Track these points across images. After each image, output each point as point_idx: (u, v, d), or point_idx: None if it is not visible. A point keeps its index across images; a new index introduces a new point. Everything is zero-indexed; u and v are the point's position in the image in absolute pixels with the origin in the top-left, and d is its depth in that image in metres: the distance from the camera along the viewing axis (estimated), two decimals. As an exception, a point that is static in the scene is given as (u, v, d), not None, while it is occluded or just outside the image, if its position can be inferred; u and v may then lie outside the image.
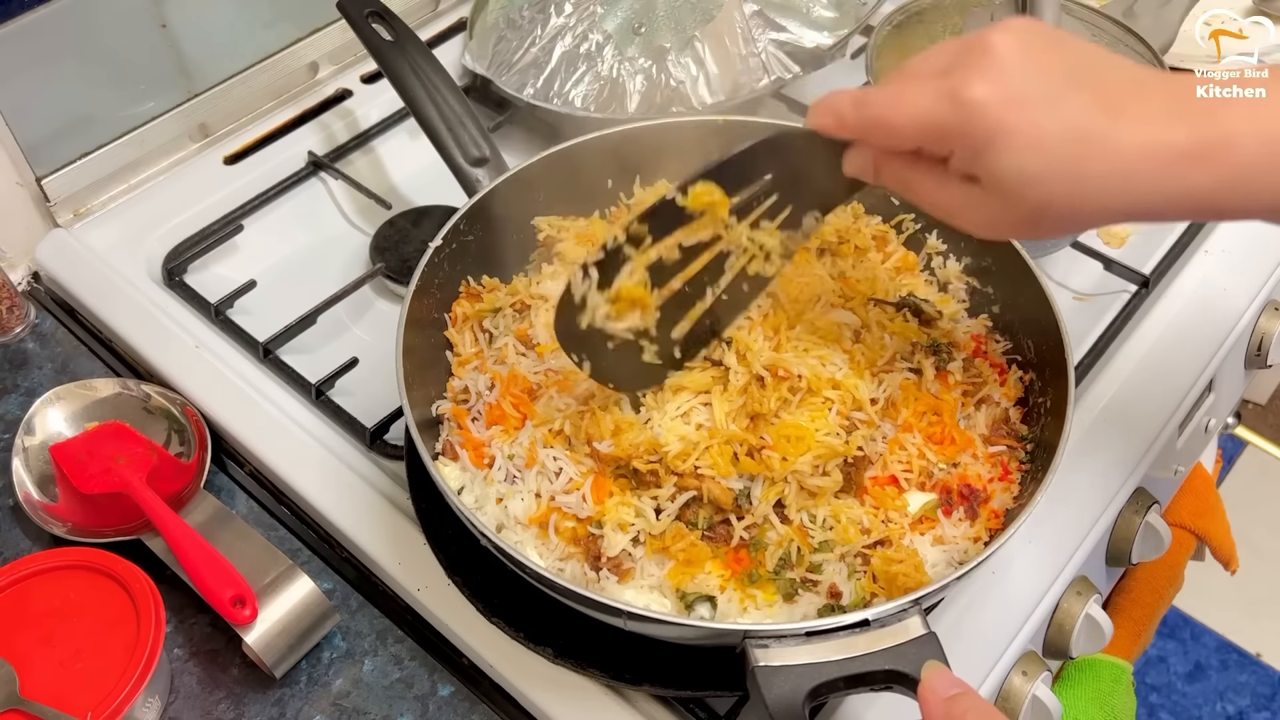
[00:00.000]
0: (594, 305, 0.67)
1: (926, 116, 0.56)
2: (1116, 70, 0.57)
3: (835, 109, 0.61)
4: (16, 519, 0.83)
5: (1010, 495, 0.71)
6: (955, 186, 0.58)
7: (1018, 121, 0.54)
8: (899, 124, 0.58)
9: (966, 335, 0.79)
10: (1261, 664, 1.93)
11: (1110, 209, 0.56)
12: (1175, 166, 0.54)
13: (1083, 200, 0.55)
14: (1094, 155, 0.54)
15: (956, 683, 0.54)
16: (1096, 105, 0.54)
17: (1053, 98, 0.54)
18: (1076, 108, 0.54)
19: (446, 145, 0.88)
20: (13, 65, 0.93)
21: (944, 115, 0.56)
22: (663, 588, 0.67)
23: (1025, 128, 0.54)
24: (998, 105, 0.54)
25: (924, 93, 0.56)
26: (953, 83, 0.55)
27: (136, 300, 0.95)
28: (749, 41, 1.05)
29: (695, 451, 0.67)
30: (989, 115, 0.54)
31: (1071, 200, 0.55)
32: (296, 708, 0.73)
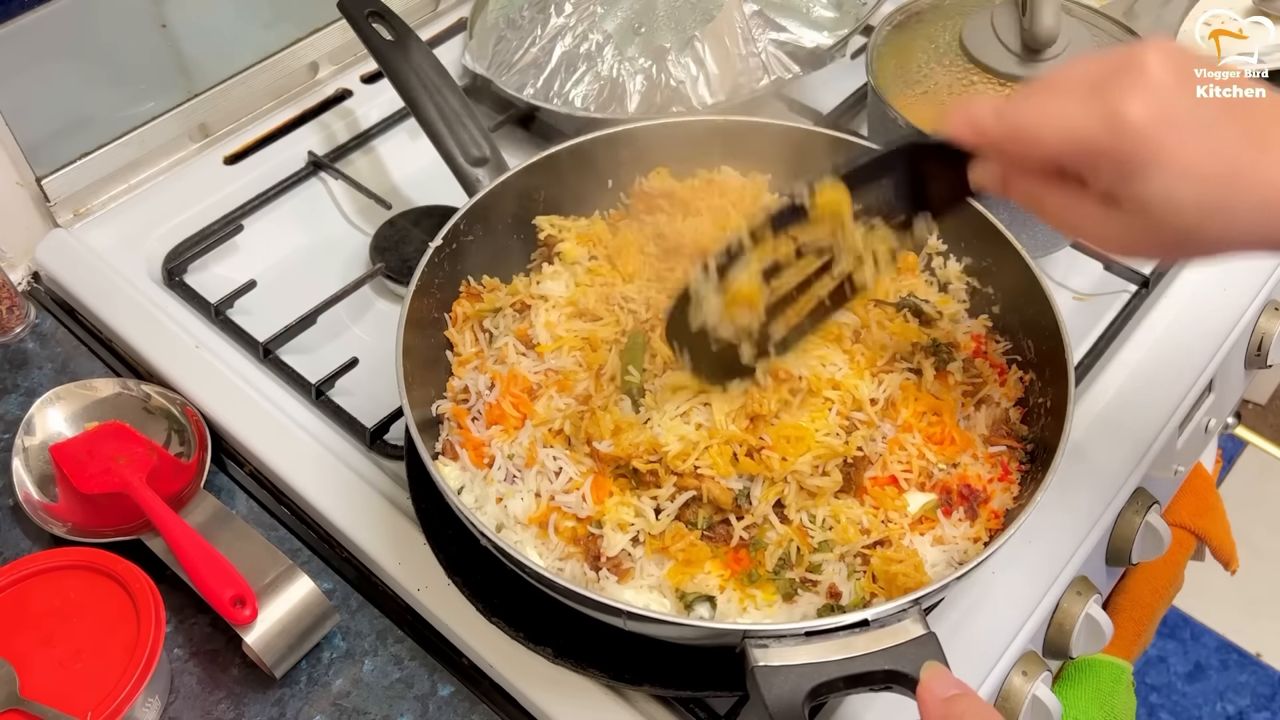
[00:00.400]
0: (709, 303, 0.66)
1: (1077, 133, 0.54)
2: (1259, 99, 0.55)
3: (975, 119, 0.59)
4: (16, 519, 0.83)
5: (1010, 495, 0.71)
6: (1092, 207, 0.57)
7: (1174, 146, 0.52)
8: (1046, 138, 0.56)
9: (966, 335, 0.79)
10: (1261, 664, 1.93)
11: (1254, 241, 0.55)
12: None
13: (1228, 231, 0.54)
14: (1243, 188, 0.53)
15: (955, 683, 0.54)
16: (1246, 135, 0.53)
17: (1206, 125, 0.53)
18: (1231, 137, 0.53)
19: (447, 145, 0.88)
20: (13, 65, 0.93)
21: (1096, 133, 0.54)
22: (662, 587, 0.67)
23: (1179, 154, 0.52)
24: (1156, 126, 0.52)
25: (1074, 107, 0.54)
26: (1107, 102, 0.53)
27: (136, 300, 0.95)
28: (749, 41, 1.05)
29: (695, 451, 0.67)
30: (1146, 137, 0.52)
31: (1218, 231, 0.54)
32: (296, 708, 0.73)
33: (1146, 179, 0.53)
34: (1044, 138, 0.56)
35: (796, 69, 1.05)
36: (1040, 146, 0.56)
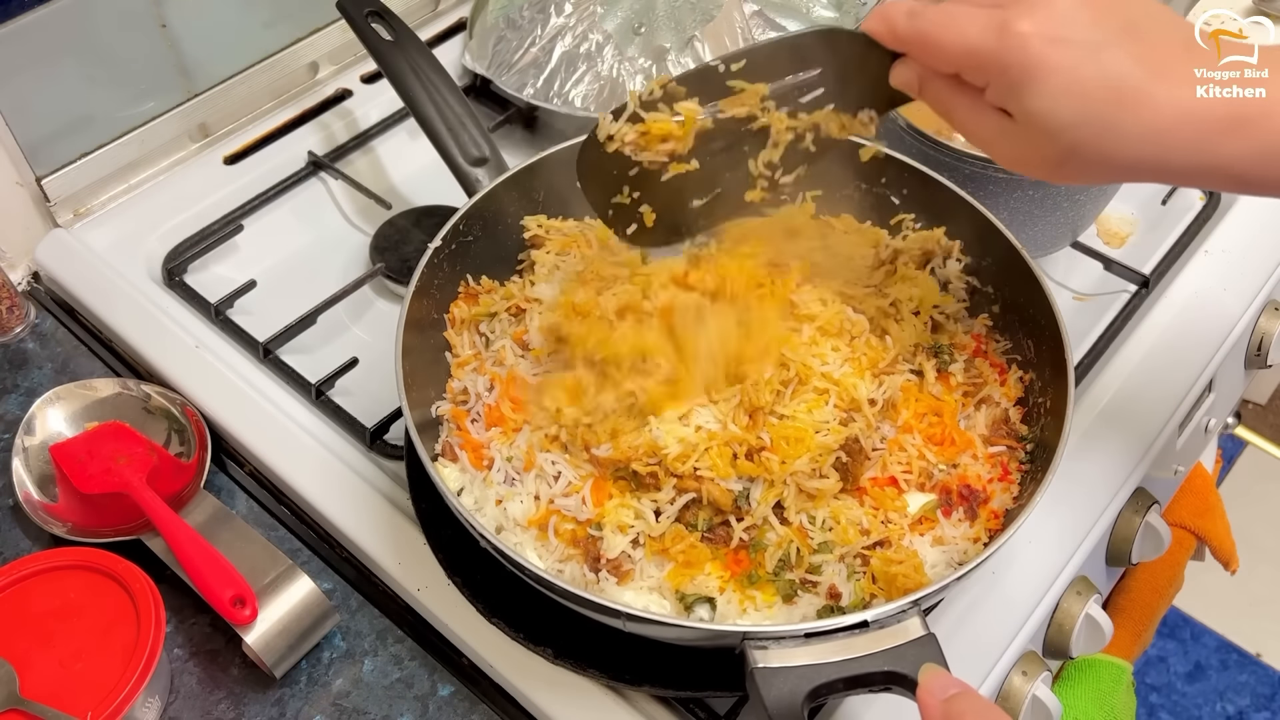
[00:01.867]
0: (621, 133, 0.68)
1: (971, 42, 0.57)
2: (1169, 27, 0.56)
3: (890, 17, 0.61)
4: (16, 519, 0.83)
5: (1010, 496, 0.71)
6: (990, 117, 0.59)
7: (1058, 62, 0.54)
8: (945, 44, 0.58)
9: (967, 335, 0.79)
10: (1261, 664, 1.93)
11: (1139, 166, 0.56)
12: (1212, 133, 0.54)
13: (1112, 152, 0.55)
14: (1128, 109, 0.54)
15: (954, 683, 0.54)
16: (1141, 60, 0.54)
17: (1098, 45, 0.54)
18: (1120, 59, 0.54)
19: (446, 145, 0.88)
20: (13, 65, 0.93)
21: (988, 44, 0.56)
22: (662, 589, 0.67)
23: (1064, 70, 0.54)
24: (1041, 43, 0.54)
25: (975, 18, 0.57)
26: (1004, 14, 0.55)
27: (136, 300, 0.95)
28: (749, 41, 1.05)
29: (695, 453, 0.67)
30: (1030, 51, 0.54)
31: (1101, 150, 0.55)
32: (296, 708, 0.73)
33: (1031, 92, 0.55)
34: (944, 42, 0.58)
35: (796, 69, 1.05)
36: (942, 51, 0.59)
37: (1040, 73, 0.54)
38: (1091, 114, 0.55)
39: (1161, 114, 0.54)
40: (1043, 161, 0.58)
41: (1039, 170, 0.60)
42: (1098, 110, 0.54)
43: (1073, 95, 0.54)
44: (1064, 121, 0.55)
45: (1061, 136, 0.56)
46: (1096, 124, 0.55)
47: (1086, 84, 0.54)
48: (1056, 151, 0.57)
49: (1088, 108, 0.55)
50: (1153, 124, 0.54)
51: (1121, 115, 0.54)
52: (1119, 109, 0.54)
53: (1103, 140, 0.55)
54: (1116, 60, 0.54)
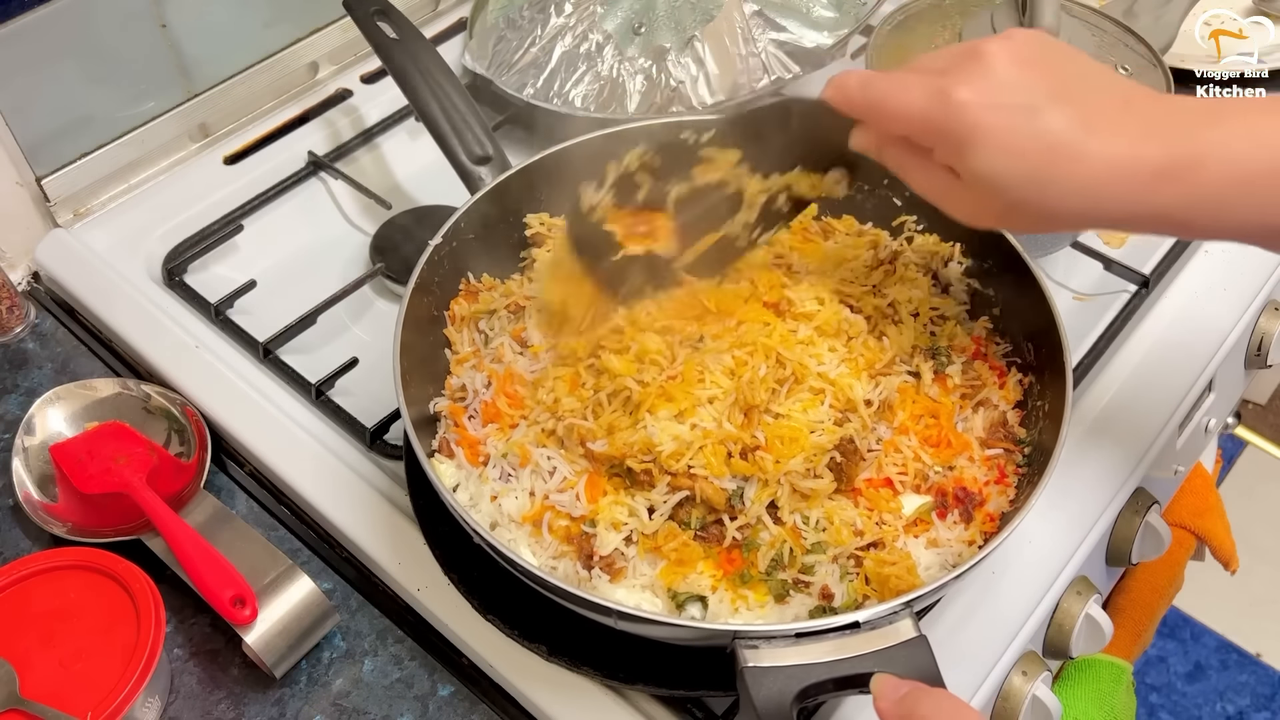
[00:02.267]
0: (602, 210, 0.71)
1: (916, 109, 0.60)
2: (1108, 88, 0.60)
3: (844, 86, 0.65)
4: (16, 519, 0.83)
5: (1006, 499, 0.71)
6: (940, 176, 0.62)
7: (994, 125, 0.58)
8: (893, 111, 0.62)
9: (967, 338, 0.79)
10: (1261, 664, 1.93)
11: (1081, 217, 0.60)
12: (1145, 183, 0.57)
13: (1052, 206, 0.59)
14: (1063, 165, 0.57)
15: (903, 683, 0.55)
16: (1075, 118, 0.57)
17: (1033, 107, 0.57)
18: (1055, 119, 0.57)
19: (450, 143, 0.88)
20: (13, 65, 0.93)
21: (930, 111, 0.59)
22: (654, 587, 0.67)
23: (1001, 132, 0.58)
24: (979, 108, 0.58)
25: (918, 86, 0.60)
26: (944, 82, 0.59)
27: (136, 300, 0.96)
28: (749, 41, 1.05)
29: (689, 452, 0.67)
30: (968, 116, 0.58)
31: (1041, 204, 0.59)
32: (296, 708, 0.74)
33: (972, 154, 0.58)
34: (893, 109, 0.62)
35: (796, 69, 1.05)
36: (891, 118, 0.63)
37: (979, 136, 0.58)
38: (1029, 172, 0.58)
39: (1095, 168, 0.57)
40: (990, 215, 0.62)
41: (988, 222, 0.63)
42: (1034, 168, 0.58)
43: (1010, 155, 0.58)
44: (1004, 180, 0.58)
45: (1003, 194, 0.59)
46: (1034, 181, 0.58)
47: (1022, 144, 0.57)
48: (1000, 207, 0.60)
49: (1025, 166, 0.58)
50: (1088, 178, 0.57)
51: (1057, 171, 0.57)
52: (1054, 166, 0.57)
53: (1042, 196, 0.58)
54: (1050, 120, 0.57)
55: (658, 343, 0.71)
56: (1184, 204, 0.57)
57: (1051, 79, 0.59)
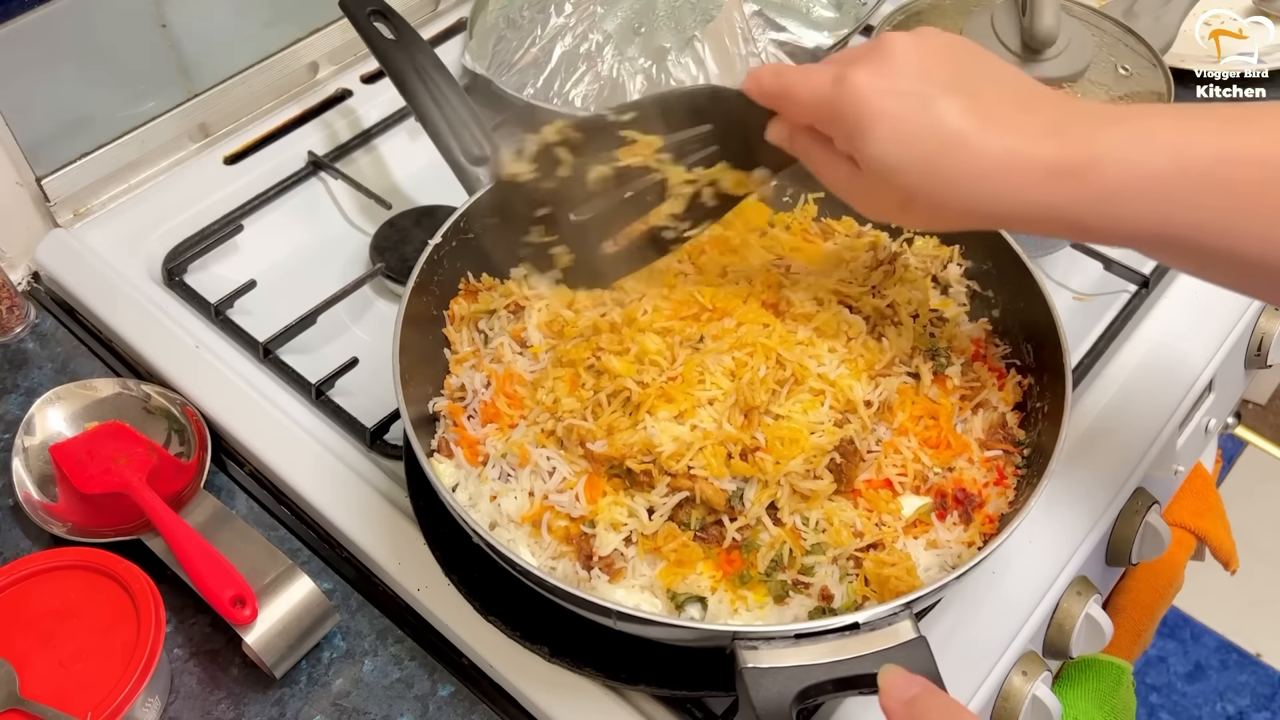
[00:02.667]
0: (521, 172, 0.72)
1: (817, 94, 0.61)
2: (1010, 85, 0.60)
3: (758, 75, 0.65)
4: (16, 519, 0.83)
5: (1005, 500, 0.71)
6: (842, 166, 0.63)
7: (886, 110, 0.58)
8: (799, 96, 0.63)
9: (967, 339, 0.79)
10: (1261, 664, 1.93)
11: (971, 211, 0.59)
12: (1039, 180, 0.57)
13: (943, 196, 0.59)
14: (953, 155, 0.57)
15: (916, 681, 0.54)
16: (970, 110, 0.57)
17: (927, 96, 0.58)
18: (949, 109, 0.57)
19: (448, 144, 0.88)
20: (13, 65, 0.93)
21: (829, 95, 0.60)
22: (654, 588, 0.67)
23: (893, 118, 0.58)
24: (873, 93, 0.58)
25: (823, 73, 0.61)
26: (844, 68, 0.60)
27: (136, 300, 0.96)
28: (749, 41, 1.05)
29: (689, 452, 0.67)
30: (862, 100, 0.58)
31: (932, 195, 0.59)
32: (296, 708, 0.74)
33: (865, 138, 0.59)
34: (798, 96, 0.63)
35: (796, 69, 1.04)
36: (796, 105, 0.63)
37: (870, 120, 0.58)
38: (920, 160, 0.58)
39: (985, 160, 0.57)
40: (887, 205, 0.62)
41: (886, 214, 0.63)
42: (925, 156, 0.58)
43: (901, 141, 0.58)
44: (895, 166, 0.58)
45: (895, 180, 0.59)
46: (925, 169, 0.58)
47: (914, 131, 0.57)
48: (895, 196, 0.60)
49: (916, 153, 0.58)
50: (978, 170, 0.57)
51: (947, 161, 0.57)
52: (945, 155, 0.57)
53: (932, 185, 0.58)
54: (943, 109, 0.57)
55: (657, 343, 0.71)
56: (1078, 204, 0.57)
57: (952, 71, 0.59)
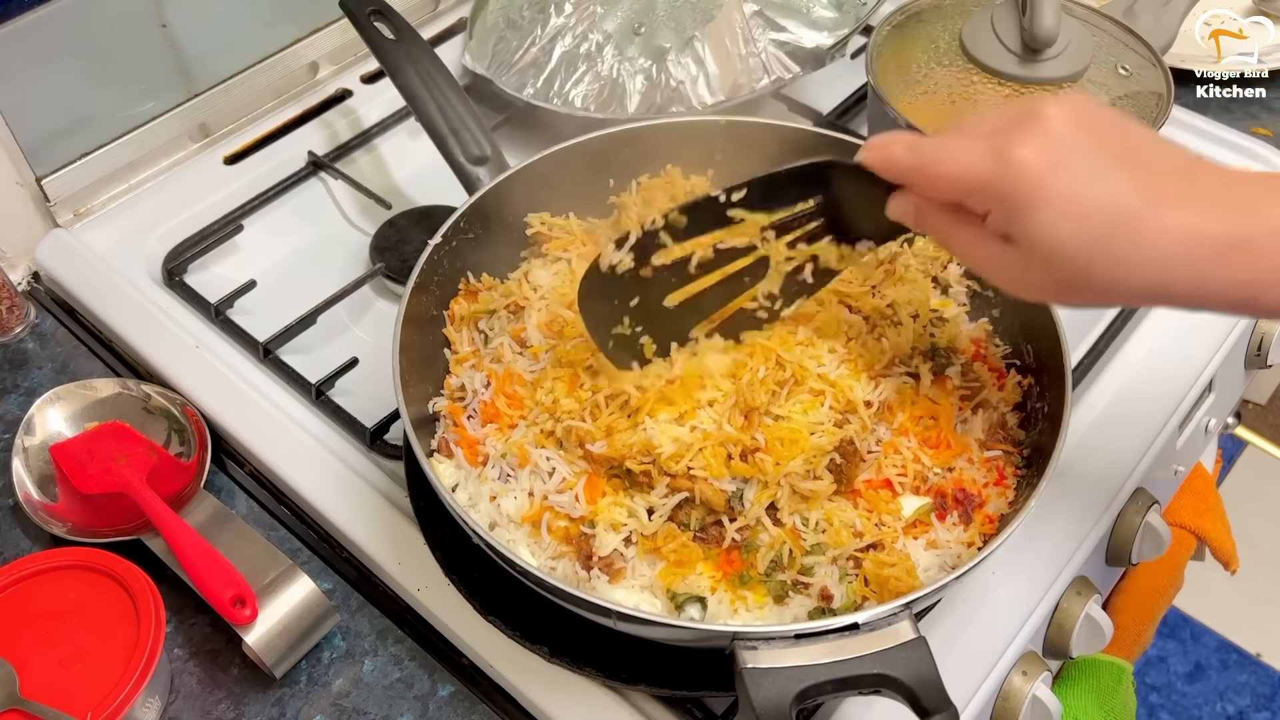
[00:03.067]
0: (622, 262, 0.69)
1: (971, 170, 0.57)
2: (1167, 154, 0.57)
3: (888, 150, 0.62)
4: (16, 519, 0.83)
5: (1005, 500, 0.71)
6: (992, 244, 0.59)
7: (1058, 188, 0.55)
8: (945, 174, 0.59)
9: (967, 339, 0.79)
10: (1261, 664, 1.93)
11: (1144, 291, 0.56)
12: (1212, 258, 0.54)
13: (1115, 277, 0.55)
14: (1129, 235, 0.54)
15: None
16: (1140, 186, 0.54)
17: (1097, 172, 0.55)
18: (1119, 185, 0.54)
19: (448, 144, 0.88)
20: (13, 65, 0.93)
21: (988, 171, 0.56)
22: (654, 588, 0.67)
23: (1064, 196, 0.55)
24: (1041, 169, 0.55)
25: (973, 148, 0.57)
26: (1001, 142, 0.56)
27: (136, 300, 0.96)
28: (749, 41, 1.05)
29: (689, 453, 0.67)
30: (1031, 177, 0.55)
31: (1108, 275, 0.55)
32: (296, 708, 0.74)
33: (1032, 217, 0.55)
34: (945, 173, 0.59)
35: (796, 69, 1.05)
36: (942, 181, 0.59)
37: (1041, 198, 0.55)
38: (1092, 239, 0.55)
39: (1160, 238, 0.54)
40: (1047, 286, 0.59)
41: (1043, 294, 0.60)
42: (1098, 236, 0.55)
43: (1073, 220, 0.55)
44: (1066, 248, 0.55)
45: (1064, 263, 0.56)
46: (1099, 250, 0.55)
47: (1087, 210, 0.55)
48: (1065, 275, 0.57)
49: (1088, 233, 0.55)
50: (1155, 249, 0.54)
51: (1123, 241, 0.54)
52: (1118, 235, 0.54)
53: (1105, 266, 0.55)
54: (1117, 186, 0.55)
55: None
56: (1252, 280, 0.54)
57: (1113, 144, 0.56)
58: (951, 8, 1.02)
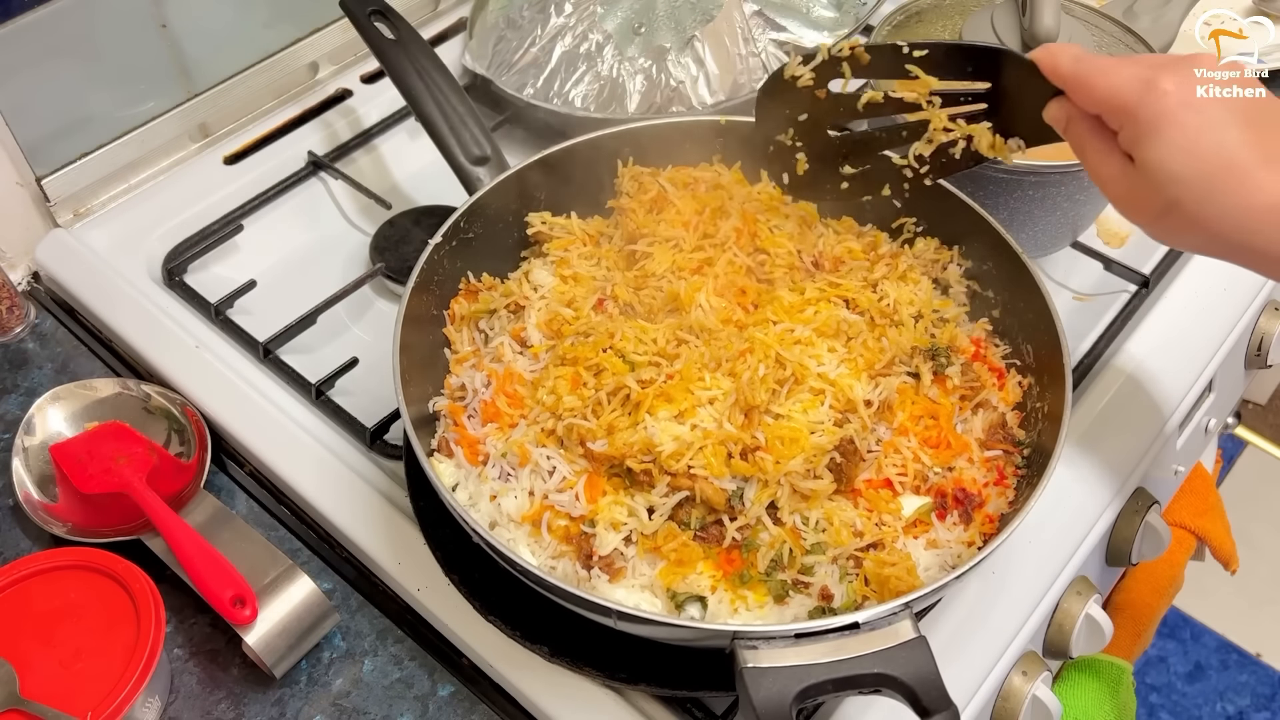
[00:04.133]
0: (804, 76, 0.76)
1: (1120, 88, 0.63)
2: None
3: (1057, 56, 0.67)
4: (16, 519, 0.83)
5: (1005, 500, 0.71)
6: (1116, 159, 0.64)
7: (1184, 121, 0.60)
8: (1097, 84, 0.64)
9: (966, 339, 0.79)
10: (1261, 664, 1.93)
11: (1230, 239, 0.61)
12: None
13: (1207, 216, 0.61)
14: (1230, 181, 0.60)
15: None
16: (1257, 144, 0.60)
17: (1223, 121, 0.60)
18: (1237, 138, 0.60)
19: (448, 144, 0.88)
20: (13, 65, 0.93)
21: (1133, 92, 0.62)
22: (654, 587, 0.67)
23: (1187, 129, 0.60)
24: (1175, 102, 0.60)
25: (1128, 69, 0.63)
26: (1153, 72, 0.62)
27: (136, 300, 0.96)
28: (749, 41, 1.05)
29: (689, 452, 0.67)
30: (1165, 106, 0.60)
31: (1198, 212, 0.61)
32: (296, 708, 0.74)
33: (1153, 142, 0.61)
34: (1097, 84, 0.64)
35: (796, 69, 1.04)
36: (1095, 91, 0.65)
37: (1166, 126, 0.60)
38: (1198, 175, 0.60)
39: (1258, 195, 0.59)
40: (1147, 208, 0.64)
41: (1142, 216, 0.65)
42: (1205, 174, 0.60)
43: (1186, 153, 0.60)
44: (1172, 175, 0.61)
45: (1168, 188, 0.61)
46: (1200, 186, 0.60)
47: (1202, 147, 0.60)
48: (1160, 202, 0.62)
49: (1196, 168, 0.60)
50: (1248, 202, 0.59)
51: (1223, 185, 0.60)
52: (1222, 179, 0.60)
53: (1202, 203, 0.60)
54: (1234, 137, 0.60)
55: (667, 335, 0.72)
56: None
57: (1249, 104, 0.61)
58: (951, 8, 1.02)
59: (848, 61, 0.74)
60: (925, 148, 0.75)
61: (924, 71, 0.72)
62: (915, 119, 0.74)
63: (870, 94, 0.76)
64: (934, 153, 0.75)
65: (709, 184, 0.84)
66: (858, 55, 0.74)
